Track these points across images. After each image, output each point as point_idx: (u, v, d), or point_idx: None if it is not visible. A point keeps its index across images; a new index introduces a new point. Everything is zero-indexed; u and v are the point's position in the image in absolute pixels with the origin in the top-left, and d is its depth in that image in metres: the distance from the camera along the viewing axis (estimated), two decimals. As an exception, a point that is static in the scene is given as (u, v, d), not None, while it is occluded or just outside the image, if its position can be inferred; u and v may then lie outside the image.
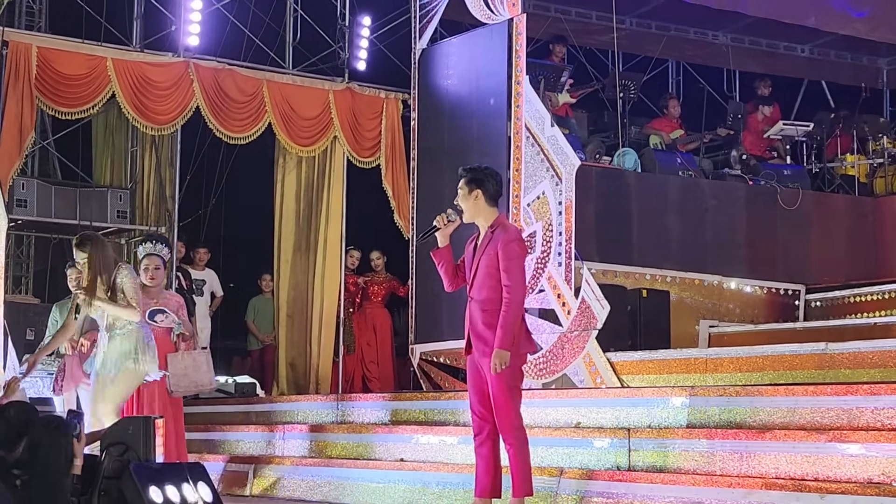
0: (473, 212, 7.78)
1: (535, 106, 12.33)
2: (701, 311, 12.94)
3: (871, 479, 6.86)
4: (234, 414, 12.98)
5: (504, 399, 7.54)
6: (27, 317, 13.42)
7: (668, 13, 15.21)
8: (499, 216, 7.81)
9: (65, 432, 7.12)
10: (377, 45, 15.82)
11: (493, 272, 7.61)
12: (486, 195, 7.76)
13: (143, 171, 14.98)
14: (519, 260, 7.64)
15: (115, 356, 9.17)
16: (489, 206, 7.77)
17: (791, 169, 14.57)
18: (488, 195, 7.77)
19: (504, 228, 7.71)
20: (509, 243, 7.59)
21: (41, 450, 6.96)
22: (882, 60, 16.96)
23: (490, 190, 7.77)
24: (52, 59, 13.48)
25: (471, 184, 7.77)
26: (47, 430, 7.03)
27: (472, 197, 7.76)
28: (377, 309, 15.35)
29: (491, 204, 7.78)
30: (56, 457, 7.00)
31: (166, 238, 10.92)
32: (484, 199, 7.76)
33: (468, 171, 7.84)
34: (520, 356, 7.65)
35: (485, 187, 7.75)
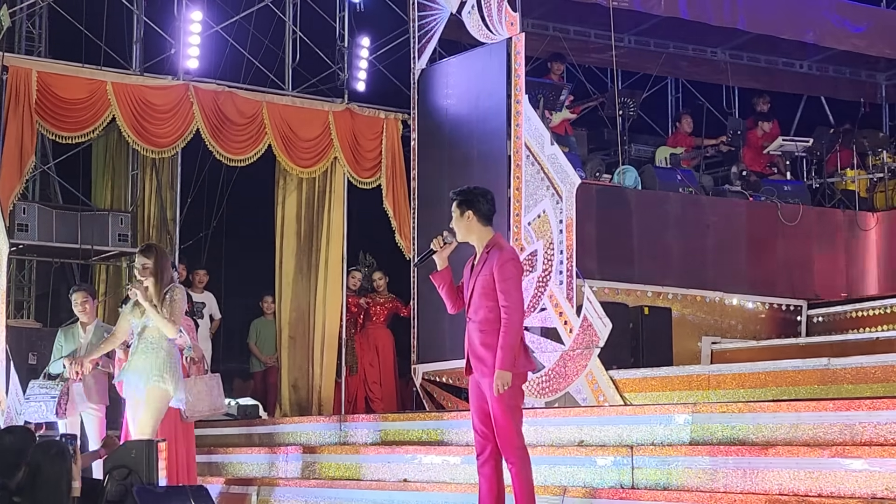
0: (467, 233, 7.77)
1: (535, 124, 12.35)
2: (703, 327, 12.93)
3: (874, 495, 6.84)
4: (237, 436, 12.96)
5: (505, 419, 7.51)
6: (29, 341, 13.42)
7: (667, 30, 15.23)
8: (494, 236, 7.78)
9: (64, 457, 7.12)
10: (376, 65, 15.85)
11: (489, 292, 7.59)
12: (479, 215, 7.74)
13: (143, 194, 15.00)
14: (515, 280, 7.58)
15: (139, 369, 9.22)
16: (483, 226, 7.75)
17: (791, 184, 14.57)
18: (481, 215, 7.75)
19: (499, 248, 7.67)
20: (504, 263, 7.56)
21: (41, 476, 6.96)
22: (881, 75, 16.97)
23: (482, 210, 7.76)
24: (52, 84, 13.51)
25: (462, 205, 7.77)
26: (46, 456, 7.03)
27: (464, 218, 7.76)
28: (380, 329, 15.33)
29: (484, 223, 7.76)
30: (56, 482, 7.00)
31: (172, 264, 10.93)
32: (477, 220, 7.73)
33: (458, 194, 7.85)
34: (520, 375, 7.61)
35: (476, 207, 7.74)
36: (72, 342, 10.85)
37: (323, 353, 15.05)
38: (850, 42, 15.17)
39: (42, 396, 10.42)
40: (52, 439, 7.32)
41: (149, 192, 14.96)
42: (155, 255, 9.31)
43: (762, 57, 16.29)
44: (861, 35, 15.11)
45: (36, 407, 10.43)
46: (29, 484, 6.92)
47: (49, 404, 10.44)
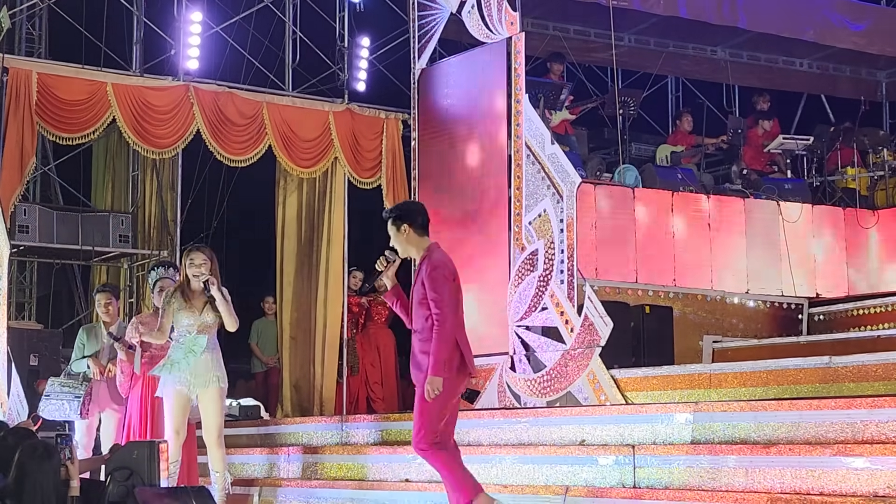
0: (407, 247, 7.95)
1: (535, 124, 12.35)
2: (704, 326, 12.93)
3: (876, 493, 6.84)
4: (238, 436, 12.95)
5: (423, 418, 7.72)
6: (30, 343, 13.44)
7: (667, 29, 15.23)
8: (429, 245, 7.94)
9: (50, 457, 7.10)
10: (376, 65, 15.85)
11: (423, 301, 7.80)
12: (415, 227, 7.92)
13: (144, 195, 15.01)
14: (443, 287, 7.72)
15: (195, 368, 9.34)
16: (419, 237, 7.93)
17: (792, 183, 14.57)
18: (416, 226, 7.92)
19: (429, 257, 7.83)
20: (431, 272, 7.74)
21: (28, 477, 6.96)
22: (881, 73, 16.97)
23: (417, 221, 7.94)
24: (52, 85, 13.51)
25: (397, 221, 7.95)
26: (32, 456, 7.02)
27: (402, 234, 7.93)
28: (381, 330, 15.33)
29: (421, 234, 7.94)
30: (42, 482, 6.99)
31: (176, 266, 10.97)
32: (413, 232, 7.91)
33: (391, 211, 8.07)
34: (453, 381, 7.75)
35: (411, 220, 7.93)
36: (94, 342, 10.88)
37: (324, 353, 15.05)
38: (850, 40, 15.17)
39: (65, 395, 10.46)
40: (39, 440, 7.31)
41: (149, 193, 14.97)
42: (210, 252, 9.45)
43: (762, 55, 16.28)
44: (861, 33, 15.11)
45: (57, 405, 10.46)
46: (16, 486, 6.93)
47: (73, 404, 10.47)
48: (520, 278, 12.30)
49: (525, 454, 8.94)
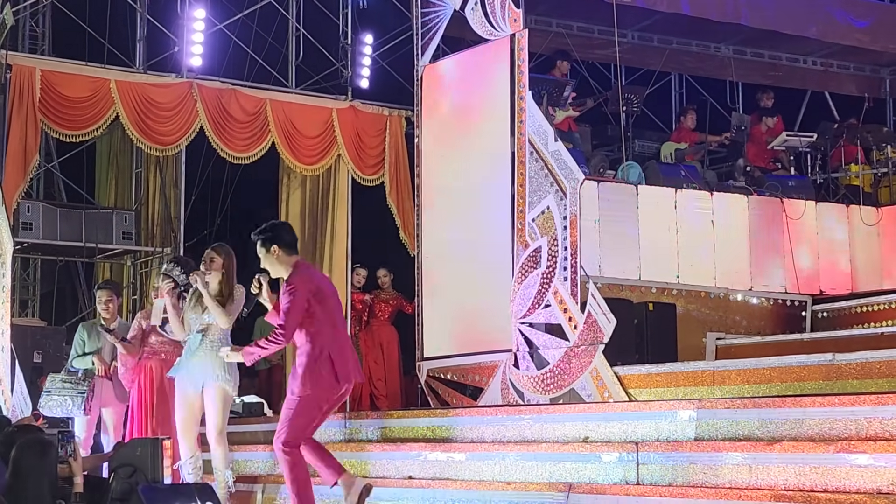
0: (277, 266, 8.29)
1: (539, 121, 12.34)
2: (707, 323, 12.92)
3: (880, 490, 6.83)
4: (242, 433, 12.94)
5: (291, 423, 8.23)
6: (34, 340, 13.44)
7: (670, 26, 15.21)
8: (295, 262, 8.29)
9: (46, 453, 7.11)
10: (380, 62, 15.85)
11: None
12: (283, 246, 8.25)
13: (147, 192, 15.02)
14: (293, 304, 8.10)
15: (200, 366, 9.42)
16: (288, 256, 8.26)
17: (795, 180, 14.56)
18: (285, 245, 8.26)
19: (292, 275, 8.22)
20: (287, 289, 8.17)
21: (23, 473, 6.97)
22: (885, 70, 16.94)
23: (285, 240, 8.29)
24: (55, 82, 13.52)
25: (266, 243, 8.26)
26: (28, 452, 7.03)
27: (272, 255, 8.24)
28: (384, 327, 15.33)
29: (289, 253, 8.28)
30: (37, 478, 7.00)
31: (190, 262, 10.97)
32: (283, 252, 8.24)
33: (260, 233, 8.35)
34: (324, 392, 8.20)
35: (280, 240, 8.25)
36: (95, 340, 10.87)
37: (327, 350, 15.03)
38: (853, 37, 15.15)
39: (67, 391, 10.46)
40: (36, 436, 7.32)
41: (153, 190, 14.98)
42: (225, 254, 9.60)
43: (766, 52, 16.26)
44: (865, 30, 15.09)
45: (59, 401, 10.46)
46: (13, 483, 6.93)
47: (76, 400, 10.47)
48: (523, 275, 12.29)
49: (528, 451, 8.94)
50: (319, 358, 8.15)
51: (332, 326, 8.27)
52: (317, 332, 8.18)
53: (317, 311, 8.19)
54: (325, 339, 8.17)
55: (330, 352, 8.14)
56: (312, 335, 8.18)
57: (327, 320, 8.22)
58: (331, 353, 8.13)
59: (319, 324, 8.19)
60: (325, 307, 8.22)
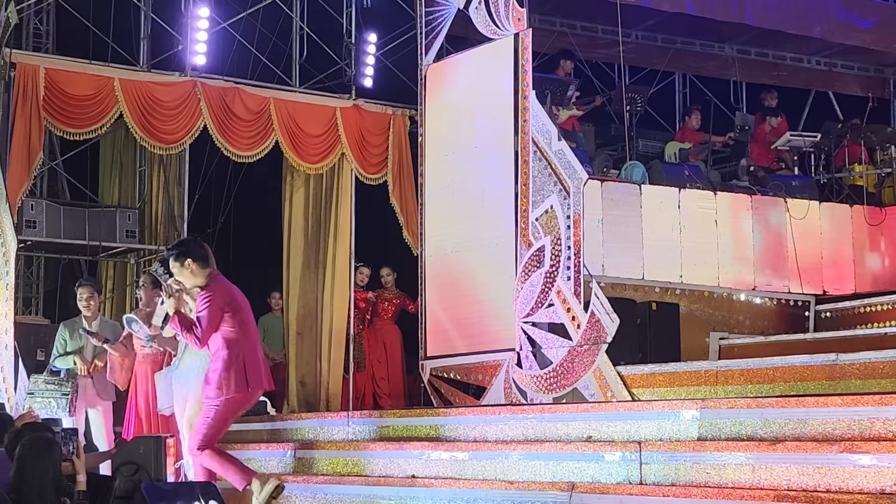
0: (193, 279, 8.62)
1: (542, 120, 12.34)
2: (711, 323, 12.92)
3: (883, 490, 6.83)
4: (244, 432, 12.95)
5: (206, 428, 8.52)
6: (38, 337, 13.43)
7: (674, 26, 15.22)
8: (209, 274, 8.63)
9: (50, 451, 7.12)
10: (383, 61, 15.84)
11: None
12: (197, 260, 8.61)
13: (151, 190, 15.02)
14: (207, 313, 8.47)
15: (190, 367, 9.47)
16: (202, 269, 8.64)
17: (799, 180, 14.56)
18: (198, 258, 8.61)
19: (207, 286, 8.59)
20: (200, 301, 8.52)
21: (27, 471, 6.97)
22: (889, 70, 16.94)
23: (199, 254, 8.63)
24: (59, 81, 13.51)
25: (180, 258, 8.62)
26: (32, 450, 7.04)
27: (186, 269, 8.60)
28: (387, 325, 15.34)
29: (203, 266, 8.63)
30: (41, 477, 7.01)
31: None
32: (196, 266, 8.63)
33: (173, 249, 8.77)
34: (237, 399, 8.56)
35: (192, 254, 8.61)
36: (77, 339, 10.86)
37: (331, 349, 15.05)
38: (857, 37, 15.17)
39: (51, 393, 10.44)
40: (41, 434, 7.34)
41: (156, 189, 14.98)
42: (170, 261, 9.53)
43: (770, 52, 16.26)
44: (869, 30, 15.10)
45: (43, 403, 10.44)
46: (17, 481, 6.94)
47: (61, 401, 10.46)
48: (526, 275, 12.30)
49: (531, 450, 8.94)
50: (235, 363, 8.52)
51: (246, 335, 8.67)
52: (231, 339, 8.57)
53: (231, 320, 8.59)
54: (240, 347, 8.57)
55: (244, 358, 8.53)
56: (227, 342, 8.56)
57: (241, 329, 8.63)
58: (245, 359, 8.53)
59: (234, 332, 8.58)
60: (239, 316, 8.63)
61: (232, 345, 8.54)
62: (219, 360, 8.53)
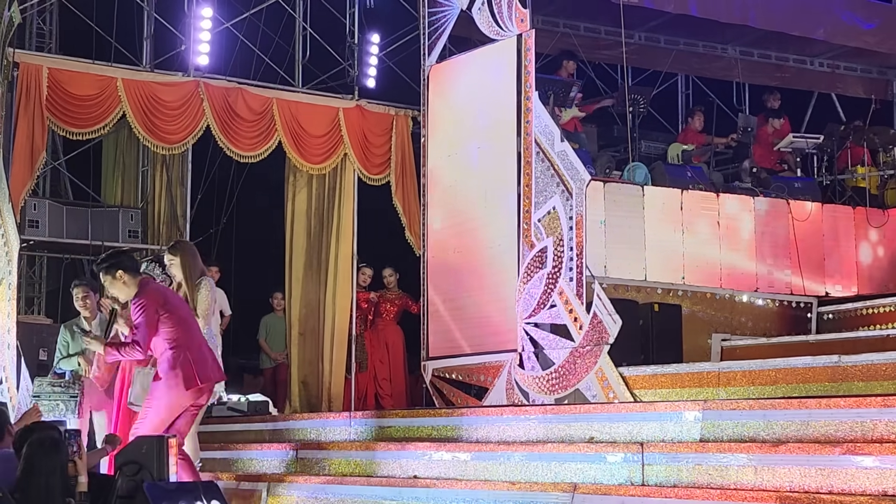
0: (126, 290, 8.70)
1: (545, 121, 12.34)
2: (713, 324, 12.91)
3: (885, 492, 6.83)
4: (247, 432, 12.96)
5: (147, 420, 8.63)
6: (40, 337, 13.43)
7: (677, 27, 15.21)
8: (140, 281, 8.72)
9: (57, 450, 7.12)
10: (386, 62, 15.85)
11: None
12: (128, 271, 8.68)
13: (154, 190, 15.03)
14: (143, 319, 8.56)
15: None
16: (133, 278, 8.70)
17: (802, 181, 14.55)
18: (129, 269, 8.71)
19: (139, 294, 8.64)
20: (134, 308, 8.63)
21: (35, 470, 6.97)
22: (892, 72, 16.93)
23: (128, 265, 8.75)
24: (62, 80, 13.53)
25: (111, 270, 8.68)
26: (40, 450, 7.04)
27: (119, 281, 8.67)
28: (389, 326, 15.34)
29: (134, 275, 8.73)
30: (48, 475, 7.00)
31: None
32: (128, 276, 8.67)
33: (102, 262, 8.80)
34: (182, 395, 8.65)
35: (123, 266, 8.68)
36: (79, 341, 10.84)
37: (333, 349, 15.07)
38: (860, 39, 15.16)
39: (58, 395, 10.41)
40: (47, 433, 7.33)
41: (159, 189, 15.00)
42: (181, 252, 9.65)
43: (773, 53, 16.26)
44: (872, 32, 15.09)
45: (51, 405, 10.40)
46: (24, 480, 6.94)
47: (69, 404, 10.42)
48: (529, 275, 12.30)
49: (533, 451, 8.94)
50: (180, 360, 8.61)
51: (187, 331, 8.77)
52: (173, 338, 8.66)
53: (169, 320, 8.67)
54: (183, 343, 8.66)
55: (188, 354, 8.64)
56: (170, 341, 8.65)
57: (181, 327, 8.72)
58: (189, 355, 8.64)
59: (174, 331, 8.67)
60: (176, 315, 8.71)
61: (175, 344, 8.64)
62: (164, 360, 8.65)
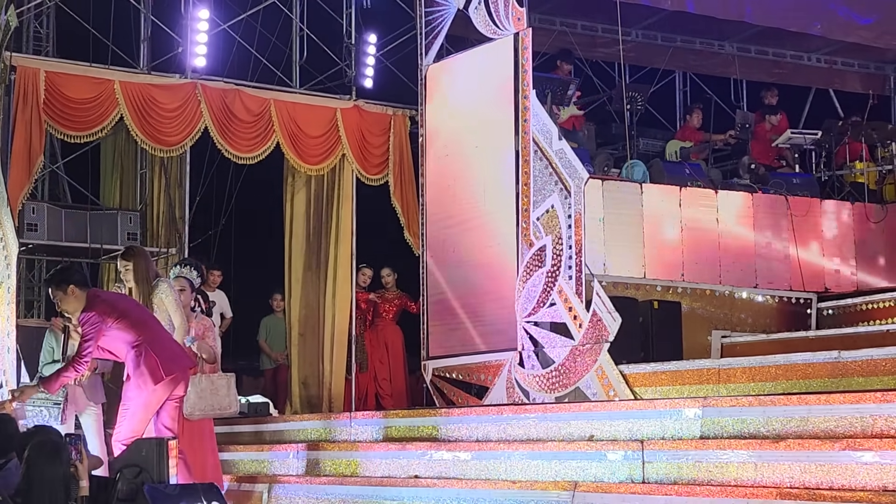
0: (77, 304, 8.67)
1: (543, 120, 12.34)
2: (713, 321, 12.91)
3: (885, 487, 6.83)
4: (247, 434, 12.97)
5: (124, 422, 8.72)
6: (39, 341, 13.38)
7: (674, 24, 15.22)
8: (88, 294, 8.72)
9: (59, 455, 7.11)
10: (383, 62, 15.85)
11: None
12: (78, 285, 8.67)
13: (152, 192, 15.03)
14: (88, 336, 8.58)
15: None
16: (83, 292, 8.68)
17: (800, 177, 14.54)
18: (79, 284, 8.69)
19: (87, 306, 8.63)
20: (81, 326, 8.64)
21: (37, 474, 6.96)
22: (889, 67, 16.94)
23: (77, 279, 8.74)
24: (59, 84, 13.52)
25: (62, 285, 8.66)
26: (41, 454, 7.03)
27: (70, 296, 8.65)
28: (389, 326, 15.33)
29: (83, 289, 8.72)
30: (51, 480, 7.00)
31: (199, 264, 10.99)
32: (79, 290, 8.65)
33: (51, 280, 8.86)
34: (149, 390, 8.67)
35: (74, 280, 8.68)
36: None
37: (333, 350, 15.06)
38: (857, 34, 15.16)
39: (41, 402, 10.38)
40: (48, 437, 7.32)
41: (157, 191, 14.99)
42: (134, 257, 9.60)
43: (770, 50, 16.27)
44: (869, 27, 15.10)
45: (35, 412, 10.38)
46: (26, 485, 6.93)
47: (52, 410, 10.39)
48: (528, 274, 12.30)
49: (534, 450, 8.94)
50: (142, 358, 8.65)
51: (145, 329, 8.78)
52: (132, 339, 8.70)
53: (123, 324, 8.69)
54: (143, 341, 8.68)
55: (150, 349, 8.66)
56: (130, 343, 8.69)
57: (137, 328, 8.73)
58: (151, 350, 8.66)
59: (131, 333, 8.69)
60: (128, 317, 8.74)
61: (135, 343, 8.67)
62: (130, 362, 8.70)
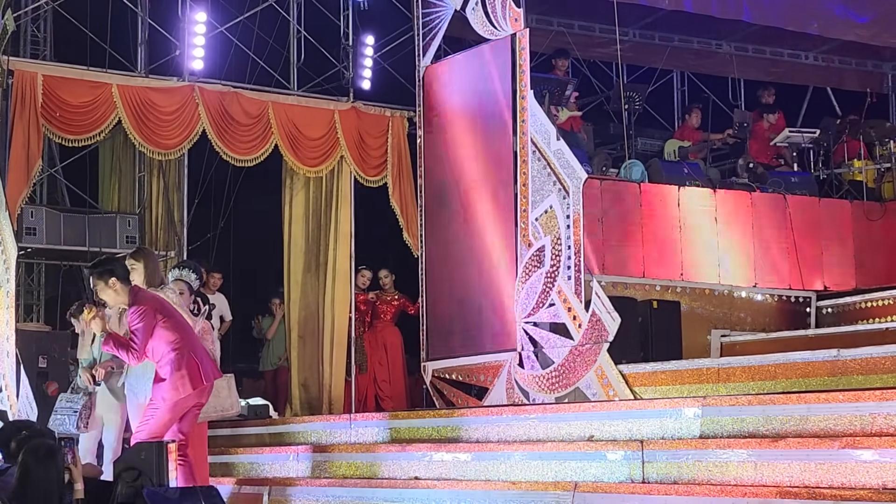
0: (116, 297, 8.74)
1: (541, 120, 12.34)
2: (712, 320, 12.90)
3: (885, 485, 6.82)
4: (247, 436, 12.97)
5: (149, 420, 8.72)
6: (39, 345, 13.44)
7: (672, 24, 15.22)
8: (131, 289, 8.76)
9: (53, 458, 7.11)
10: (381, 63, 15.85)
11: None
12: (120, 279, 8.72)
13: (150, 195, 15.02)
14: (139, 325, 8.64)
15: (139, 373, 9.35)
16: (124, 286, 8.74)
17: (798, 176, 14.54)
18: (121, 278, 8.74)
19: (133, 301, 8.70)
20: (131, 315, 8.69)
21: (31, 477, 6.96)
22: (887, 65, 16.94)
23: (120, 272, 8.76)
24: (57, 87, 13.53)
25: (103, 276, 8.69)
26: (35, 457, 7.03)
27: (110, 287, 8.70)
28: (388, 327, 15.34)
29: (126, 284, 8.77)
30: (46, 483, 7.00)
31: (198, 267, 11.01)
32: (121, 284, 8.71)
33: (94, 268, 8.82)
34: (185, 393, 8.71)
35: (116, 273, 8.71)
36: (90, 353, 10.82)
37: (332, 352, 15.06)
38: (854, 32, 15.15)
39: (66, 410, 10.45)
40: (42, 440, 7.33)
41: (156, 194, 14.98)
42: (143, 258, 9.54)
43: (767, 49, 16.27)
44: (866, 25, 15.08)
45: (61, 420, 10.45)
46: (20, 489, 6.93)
47: (71, 418, 10.43)
48: (527, 275, 12.30)
49: (533, 450, 8.94)
50: (185, 362, 8.70)
51: (186, 331, 8.88)
52: (174, 340, 8.75)
53: (169, 324, 8.77)
54: (184, 345, 8.76)
55: (192, 356, 8.74)
56: (172, 344, 8.73)
57: (180, 330, 8.82)
58: (193, 357, 8.74)
59: (174, 334, 8.76)
60: (173, 318, 8.83)
61: (178, 346, 8.71)
62: (167, 363, 8.70)
